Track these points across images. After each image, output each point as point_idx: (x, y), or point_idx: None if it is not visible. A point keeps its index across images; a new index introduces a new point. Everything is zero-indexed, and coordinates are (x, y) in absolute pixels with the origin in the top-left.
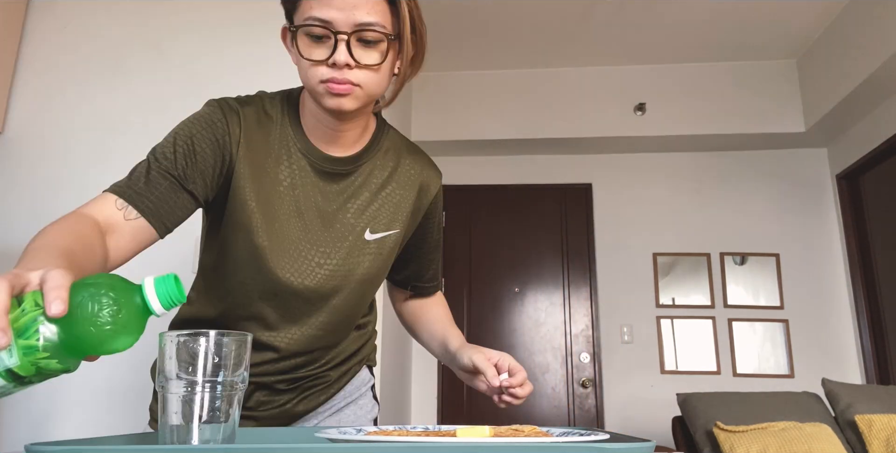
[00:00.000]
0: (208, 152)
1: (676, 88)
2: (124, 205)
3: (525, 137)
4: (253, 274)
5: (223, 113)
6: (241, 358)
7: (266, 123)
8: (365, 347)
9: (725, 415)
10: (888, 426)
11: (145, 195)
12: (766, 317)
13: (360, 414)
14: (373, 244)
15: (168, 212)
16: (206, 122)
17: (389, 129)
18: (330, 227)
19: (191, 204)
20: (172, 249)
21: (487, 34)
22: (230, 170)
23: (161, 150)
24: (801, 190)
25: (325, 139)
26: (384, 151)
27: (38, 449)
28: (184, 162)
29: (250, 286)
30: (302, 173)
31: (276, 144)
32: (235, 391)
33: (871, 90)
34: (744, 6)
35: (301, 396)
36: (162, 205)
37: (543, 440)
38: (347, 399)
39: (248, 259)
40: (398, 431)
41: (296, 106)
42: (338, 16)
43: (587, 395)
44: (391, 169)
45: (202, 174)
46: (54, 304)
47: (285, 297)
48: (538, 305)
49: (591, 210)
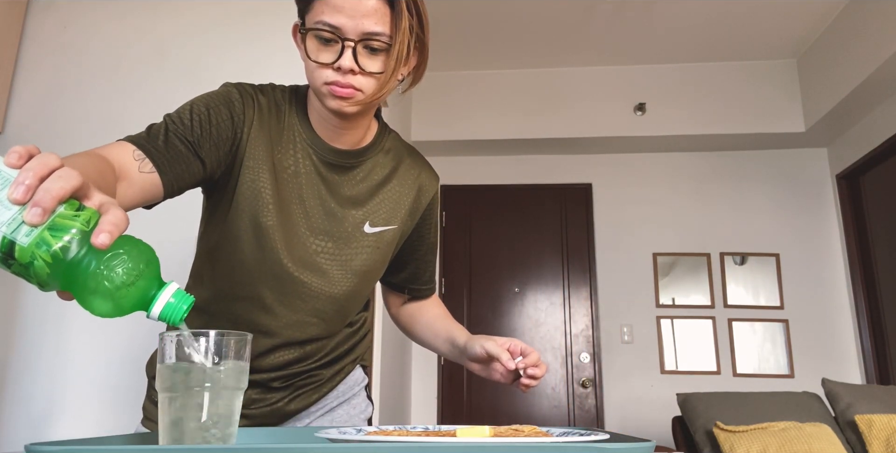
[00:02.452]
0: (223, 126)
1: (676, 88)
2: (141, 157)
3: (525, 137)
4: (255, 252)
5: (240, 94)
6: (242, 359)
7: (276, 111)
8: (359, 346)
9: (725, 415)
10: (888, 426)
11: (163, 152)
12: (766, 317)
13: (353, 413)
14: (371, 237)
15: (180, 174)
16: (224, 99)
17: (391, 132)
18: (331, 217)
19: (200, 172)
20: (173, 250)
21: (488, 34)
22: (240, 150)
23: (178, 116)
24: (801, 190)
25: (329, 135)
26: (386, 151)
27: (38, 449)
28: (199, 130)
29: (251, 266)
30: (306, 162)
31: (285, 132)
32: (235, 391)
33: (871, 90)
34: (744, 6)
35: (293, 395)
36: (176, 165)
37: (543, 440)
38: (340, 398)
39: (251, 238)
40: (398, 431)
41: (303, 101)
42: (347, 23)
43: (587, 395)
44: (392, 167)
45: (215, 145)
46: (102, 235)
47: (283, 280)
48: (538, 305)
49: (591, 210)
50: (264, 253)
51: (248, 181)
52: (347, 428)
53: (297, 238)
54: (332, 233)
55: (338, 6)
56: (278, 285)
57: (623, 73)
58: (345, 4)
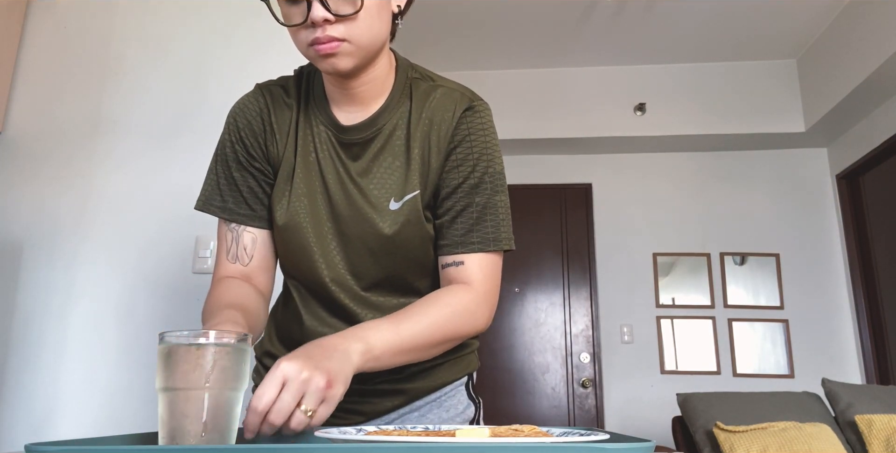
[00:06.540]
0: (243, 181)
1: (676, 88)
2: (234, 256)
3: (525, 137)
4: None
5: (235, 120)
6: (242, 358)
7: (285, 106)
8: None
9: (725, 415)
10: (888, 426)
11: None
12: (766, 317)
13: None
14: (398, 212)
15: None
16: (221, 153)
17: (413, 78)
18: (352, 205)
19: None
20: (174, 250)
21: (488, 34)
22: (274, 165)
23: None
24: (801, 190)
25: (345, 101)
26: (405, 108)
27: (38, 449)
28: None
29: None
30: (324, 146)
31: (301, 121)
32: (236, 391)
33: (871, 90)
34: (744, 6)
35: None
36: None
37: (543, 440)
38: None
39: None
40: (398, 431)
41: (317, 78)
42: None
43: (587, 395)
44: (412, 124)
45: (254, 194)
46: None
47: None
48: (538, 305)
49: (591, 210)
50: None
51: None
52: (347, 428)
53: (321, 237)
54: (355, 224)
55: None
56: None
57: (623, 73)
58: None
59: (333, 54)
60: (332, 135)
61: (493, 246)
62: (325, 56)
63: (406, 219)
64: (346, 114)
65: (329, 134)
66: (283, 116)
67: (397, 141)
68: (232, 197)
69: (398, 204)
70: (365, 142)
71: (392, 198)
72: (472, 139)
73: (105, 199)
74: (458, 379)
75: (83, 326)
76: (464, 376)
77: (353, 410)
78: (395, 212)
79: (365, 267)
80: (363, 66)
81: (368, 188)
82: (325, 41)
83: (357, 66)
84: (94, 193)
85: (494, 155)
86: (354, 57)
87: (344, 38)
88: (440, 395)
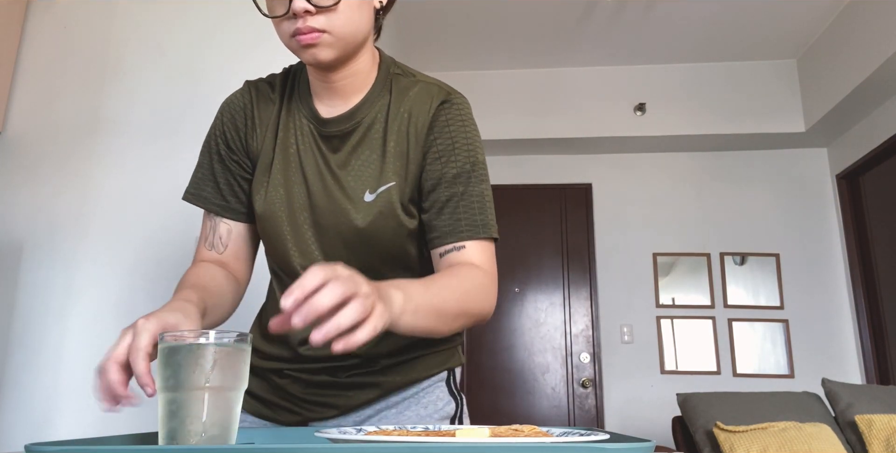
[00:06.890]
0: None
1: (676, 88)
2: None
3: (525, 137)
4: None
5: (221, 121)
6: (242, 358)
7: (268, 100)
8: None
9: (725, 415)
10: (888, 426)
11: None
12: (766, 317)
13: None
14: (372, 204)
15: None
16: (206, 149)
17: (395, 74)
18: (329, 196)
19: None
20: (173, 251)
21: (487, 34)
22: (253, 158)
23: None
24: (801, 190)
25: (327, 94)
26: (384, 102)
27: (38, 449)
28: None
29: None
30: (305, 139)
31: (282, 116)
32: (236, 390)
33: (871, 90)
34: (743, 6)
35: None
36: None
37: (543, 440)
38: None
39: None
40: (398, 431)
41: (302, 74)
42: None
43: (587, 395)
44: (390, 118)
45: (241, 187)
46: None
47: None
48: (538, 305)
49: (591, 210)
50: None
51: (273, 187)
52: (347, 427)
53: (296, 226)
54: (334, 215)
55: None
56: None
57: (623, 73)
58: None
59: (314, 45)
60: (314, 128)
61: (482, 232)
62: (306, 46)
63: (379, 210)
64: (328, 107)
65: (311, 126)
66: (267, 110)
67: (375, 134)
68: (210, 188)
69: (373, 195)
70: (344, 134)
71: (367, 190)
72: (450, 131)
73: (104, 199)
74: (436, 374)
75: (83, 326)
76: (442, 371)
77: (326, 403)
78: (369, 204)
79: (340, 258)
80: (344, 58)
81: (346, 180)
82: (305, 32)
83: (338, 58)
84: (94, 192)
85: (475, 145)
86: (335, 48)
87: (324, 30)
88: (417, 391)
